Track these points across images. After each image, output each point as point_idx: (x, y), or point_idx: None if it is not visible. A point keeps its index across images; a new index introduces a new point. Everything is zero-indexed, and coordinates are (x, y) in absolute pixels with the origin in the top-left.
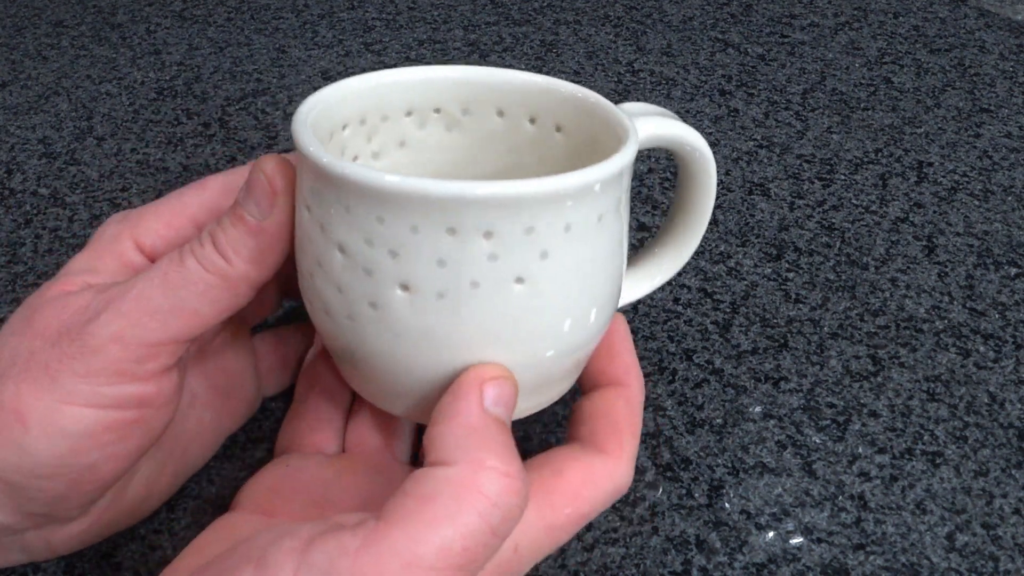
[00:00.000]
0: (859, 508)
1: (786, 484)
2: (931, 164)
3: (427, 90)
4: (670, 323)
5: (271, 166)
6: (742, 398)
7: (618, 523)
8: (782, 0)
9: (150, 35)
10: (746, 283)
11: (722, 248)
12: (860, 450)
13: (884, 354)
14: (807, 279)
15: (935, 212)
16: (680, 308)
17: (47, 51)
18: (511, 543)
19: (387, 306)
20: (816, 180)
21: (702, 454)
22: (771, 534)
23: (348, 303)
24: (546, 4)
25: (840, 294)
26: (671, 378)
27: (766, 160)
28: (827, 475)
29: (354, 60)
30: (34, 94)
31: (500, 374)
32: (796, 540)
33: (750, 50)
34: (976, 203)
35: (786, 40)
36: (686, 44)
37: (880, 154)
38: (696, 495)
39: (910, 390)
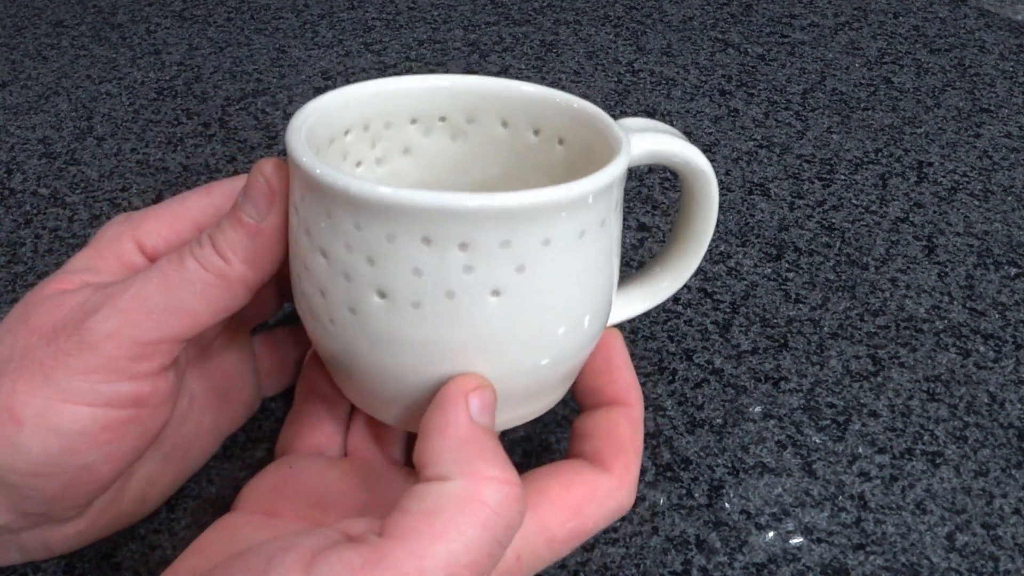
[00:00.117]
0: (859, 508)
1: (786, 484)
2: (931, 164)
3: (433, 98)
4: (670, 323)
5: (270, 169)
6: (742, 398)
7: (618, 523)
8: (782, 0)
9: (150, 35)
10: (746, 283)
11: (722, 248)
12: (860, 450)
13: (884, 354)
14: (807, 279)
15: (935, 212)
16: (680, 308)
17: (47, 51)
18: (514, 552)
19: (366, 312)
20: (816, 180)
21: (702, 454)
22: (771, 534)
23: (331, 307)
24: (546, 4)
25: (840, 294)
26: (671, 378)
27: (766, 160)
28: (827, 475)
29: (354, 60)
30: (34, 94)
31: (481, 383)
32: (796, 540)
33: (750, 50)
34: (976, 203)
35: (786, 40)
36: (686, 44)
37: (880, 154)
38: (696, 495)
39: (910, 390)
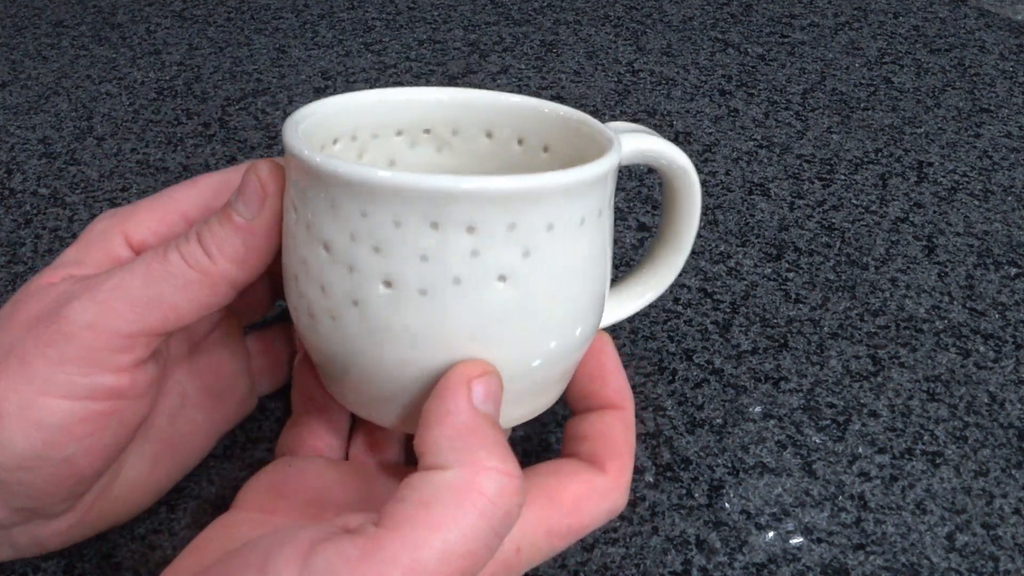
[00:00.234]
0: (859, 508)
1: (786, 484)
2: (931, 164)
3: (417, 111)
4: (670, 323)
5: (265, 170)
6: (742, 398)
7: (618, 523)
8: (782, 0)
9: (150, 35)
10: (746, 283)
11: (722, 248)
12: (860, 450)
13: (884, 354)
14: (807, 279)
15: (935, 212)
16: (680, 308)
17: (47, 51)
18: (513, 544)
19: (370, 303)
20: (816, 180)
21: (702, 454)
22: (771, 534)
23: (332, 302)
24: (546, 4)
25: (840, 294)
26: (671, 378)
27: (766, 160)
28: (827, 475)
29: (354, 60)
30: (34, 94)
31: (485, 370)
32: (796, 540)
33: (750, 50)
34: (976, 203)
35: (786, 40)
36: (686, 44)
37: (880, 154)
38: (696, 495)
39: (910, 390)
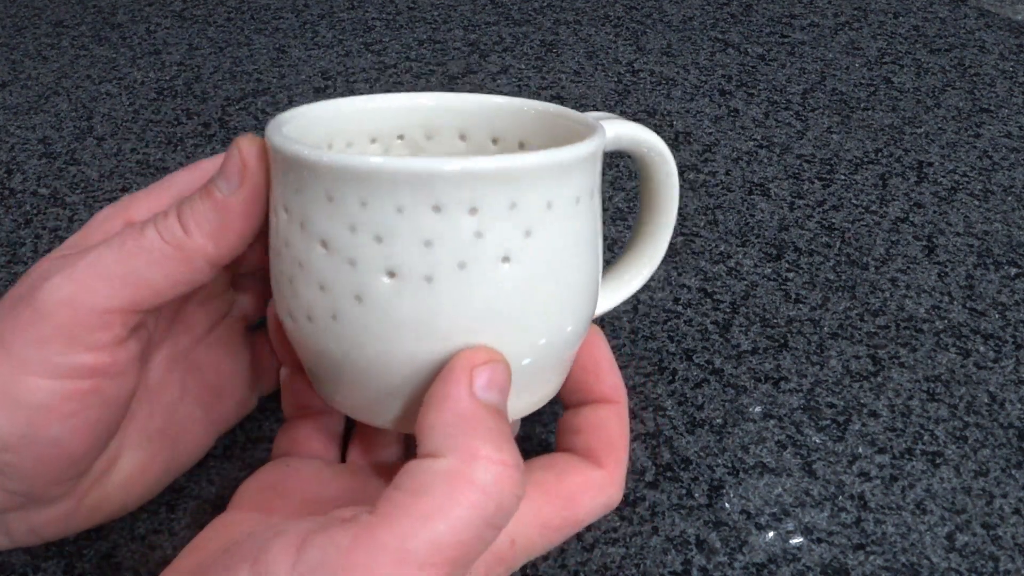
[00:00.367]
0: (859, 508)
1: (786, 484)
2: (931, 164)
3: (389, 117)
4: (670, 323)
5: (246, 144)
6: (742, 398)
7: (618, 523)
8: (782, 0)
9: (150, 35)
10: (746, 283)
11: (722, 248)
12: (860, 450)
13: (884, 354)
14: (807, 279)
15: (935, 212)
16: (680, 308)
17: (47, 51)
18: (508, 536)
19: (373, 297)
20: (816, 180)
21: (702, 454)
22: (771, 534)
23: (332, 301)
24: (546, 4)
25: (840, 294)
26: (671, 378)
27: (766, 160)
28: (827, 475)
29: (354, 60)
30: (34, 94)
31: (491, 357)
32: (796, 540)
33: (750, 50)
34: (976, 203)
35: (786, 40)
36: (686, 44)
37: (880, 154)
38: (696, 495)
39: (910, 390)
